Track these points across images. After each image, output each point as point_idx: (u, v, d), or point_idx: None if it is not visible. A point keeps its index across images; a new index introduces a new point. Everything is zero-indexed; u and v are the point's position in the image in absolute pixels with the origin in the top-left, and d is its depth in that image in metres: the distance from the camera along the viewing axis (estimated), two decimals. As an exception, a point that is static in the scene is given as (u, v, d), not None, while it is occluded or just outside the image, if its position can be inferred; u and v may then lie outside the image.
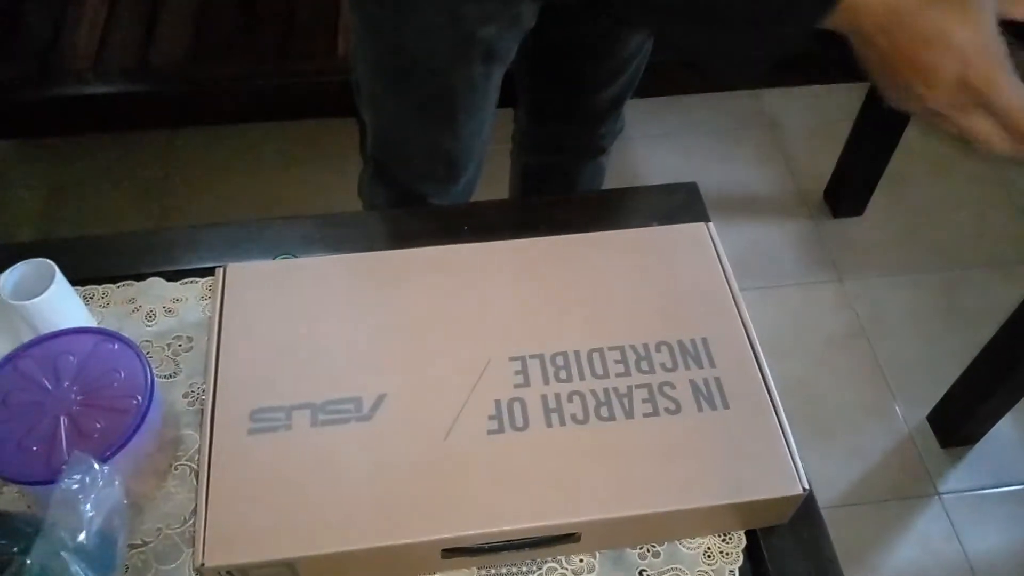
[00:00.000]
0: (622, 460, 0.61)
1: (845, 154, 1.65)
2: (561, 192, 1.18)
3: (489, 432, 0.62)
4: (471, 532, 0.58)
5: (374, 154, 1.00)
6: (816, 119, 1.89)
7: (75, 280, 0.78)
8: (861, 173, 1.65)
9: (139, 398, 0.63)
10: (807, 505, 0.64)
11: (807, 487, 0.60)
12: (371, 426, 0.63)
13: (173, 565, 0.64)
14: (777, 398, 0.64)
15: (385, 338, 0.68)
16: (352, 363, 0.66)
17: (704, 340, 0.68)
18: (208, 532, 0.58)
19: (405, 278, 0.71)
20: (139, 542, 0.65)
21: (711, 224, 0.76)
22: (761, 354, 0.67)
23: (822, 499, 0.66)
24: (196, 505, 0.59)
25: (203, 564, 0.57)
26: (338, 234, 0.84)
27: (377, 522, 0.58)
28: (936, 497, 1.32)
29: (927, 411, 1.41)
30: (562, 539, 0.61)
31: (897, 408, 1.43)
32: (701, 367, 0.66)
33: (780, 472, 0.61)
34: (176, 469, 0.69)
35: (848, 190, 1.69)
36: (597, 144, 1.13)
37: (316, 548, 0.58)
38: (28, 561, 0.55)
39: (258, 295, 0.70)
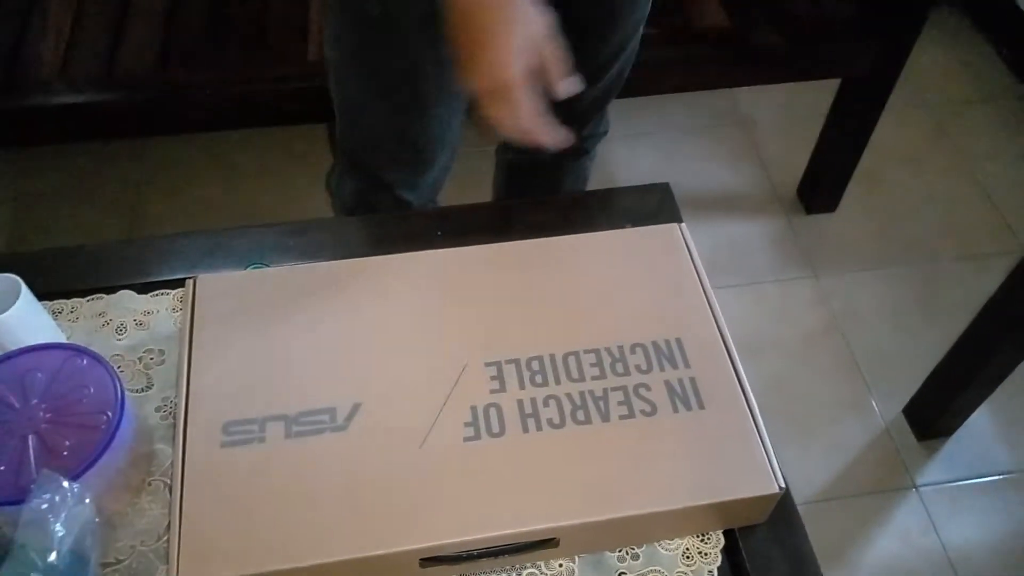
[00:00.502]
0: (599, 464, 0.61)
1: (817, 151, 1.67)
2: (544, 193, 1.18)
3: (465, 439, 0.62)
4: (449, 540, 0.58)
5: (341, 142, 0.99)
6: (789, 117, 1.90)
7: (43, 294, 0.77)
8: (833, 170, 1.67)
9: (109, 414, 0.62)
10: (784, 503, 0.64)
11: (783, 486, 0.60)
12: (346, 436, 0.62)
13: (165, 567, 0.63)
14: (752, 397, 0.65)
15: (359, 346, 0.67)
16: (326, 373, 0.65)
17: (678, 340, 0.68)
18: (183, 548, 0.57)
19: (378, 285, 0.71)
20: (113, 560, 0.64)
21: (683, 225, 0.76)
22: (735, 353, 0.67)
23: (800, 495, 0.66)
24: (170, 520, 0.58)
25: None
26: (310, 241, 0.83)
27: (354, 533, 0.58)
28: (914, 490, 1.34)
29: (903, 404, 1.42)
30: (541, 544, 0.61)
31: (873, 402, 1.44)
32: (676, 368, 0.66)
33: (756, 471, 0.61)
34: (150, 484, 0.68)
35: (821, 187, 1.71)
36: (580, 146, 1.13)
37: (293, 561, 0.57)
38: (-3, 584, 0.54)
39: (229, 306, 0.69)
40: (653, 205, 0.87)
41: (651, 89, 1.50)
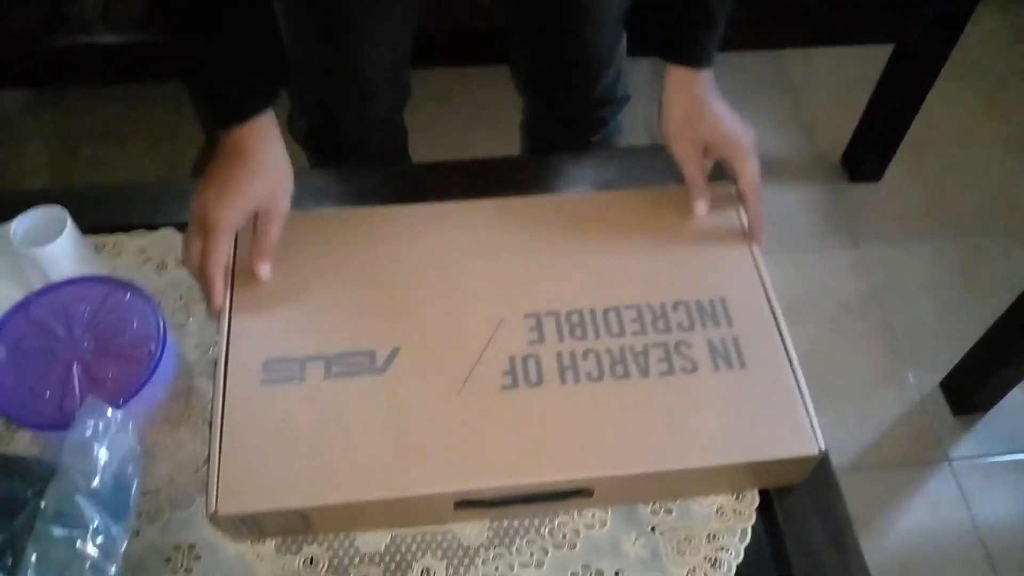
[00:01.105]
0: (637, 417, 0.61)
1: (865, 118, 1.62)
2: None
3: (503, 387, 0.62)
4: (484, 485, 0.58)
5: (290, 83, 0.96)
6: (836, 82, 1.85)
7: (86, 229, 0.78)
8: (881, 138, 1.62)
9: (152, 347, 0.63)
10: (822, 466, 0.63)
11: (823, 448, 0.59)
12: (385, 379, 0.62)
13: (186, 512, 0.64)
14: (795, 359, 0.64)
15: (400, 292, 0.67)
16: (366, 316, 0.65)
17: (723, 300, 0.67)
18: (221, 481, 0.58)
19: (420, 232, 0.71)
20: (152, 489, 0.65)
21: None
22: (780, 314, 0.66)
23: (833, 463, 0.65)
24: (209, 454, 0.59)
25: (216, 512, 0.57)
26: (352, 188, 0.83)
27: (390, 473, 0.58)
28: (946, 463, 1.32)
29: (940, 378, 1.40)
30: (574, 494, 0.61)
31: (910, 375, 1.42)
32: (718, 326, 0.65)
33: (797, 432, 0.60)
34: (189, 418, 0.68)
35: (867, 155, 1.66)
36: (598, 116, 1.09)
37: (329, 498, 0.58)
38: (43, 504, 0.55)
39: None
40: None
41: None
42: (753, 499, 0.64)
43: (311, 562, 0.61)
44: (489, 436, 0.59)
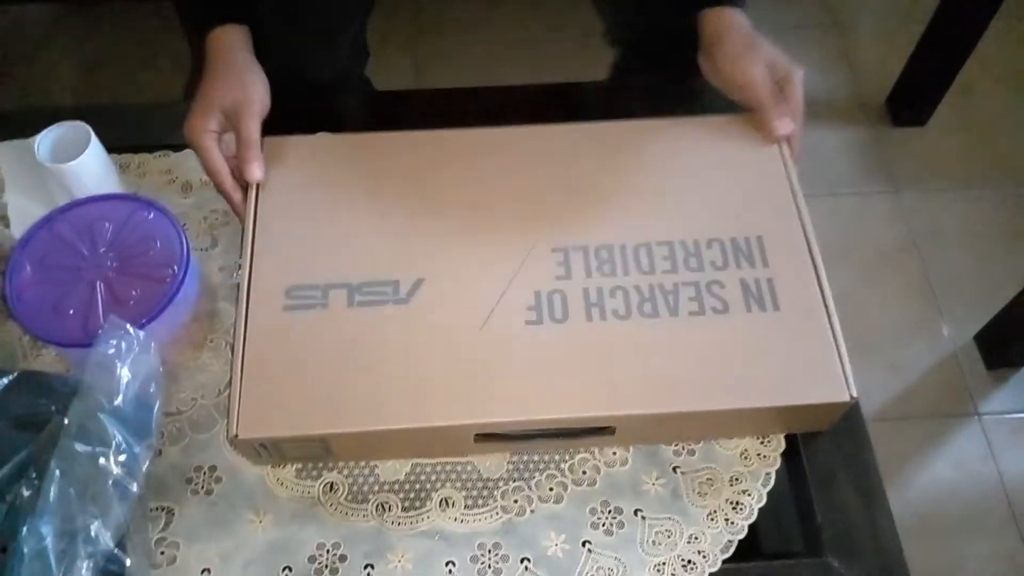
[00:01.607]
0: (663, 357, 0.59)
1: (913, 60, 1.55)
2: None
3: (527, 322, 0.60)
4: (504, 419, 0.57)
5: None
6: (885, 21, 1.77)
7: (111, 148, 0.77)
8: (928, 80, 1.56)
9: (175, 268, 0.62)
10: (851, 413, 0.62)
11: (855, 395, 0.58)
12: (408, 309, 0.61)
13: (207, 434, 0.64)
14: (831, 304, 0.62)
15: (425, 221, 0.65)
16: (391, 245, 0.64)
17: (759, 238, 0.64)
18: (242, 405, 0.57)
19: (448, 159, 0.69)
20: (174, 410, 0.65)
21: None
22: (818, 257, 0.64)
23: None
24: (231, 378, 0.59)
25: (236, 436, 0.57)
26: (382, 112, 0.81)
27: (411, 404, 0.58)
28: (976, 417, 1.29)
29: (975, 331, 1.37)
30: (596, 432, 0.60)
31: (944, 326, 1.39)
32: (753, 267, 0.63)
33: (828, 378, 0.58)
34: (211, 341, 0.68)
35: (913, 98, 1.60)
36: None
37: (349, 426, 0.58)
38: (66, 420, 0.55)
39: (297, 169, 0.68)
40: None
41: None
42: (779, 444, 0.63)
43: (331, 488, 0.62)
44: (512, 371, 0.58)
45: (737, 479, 0.62)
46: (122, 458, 0.56)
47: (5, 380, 0.59)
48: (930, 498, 1.22)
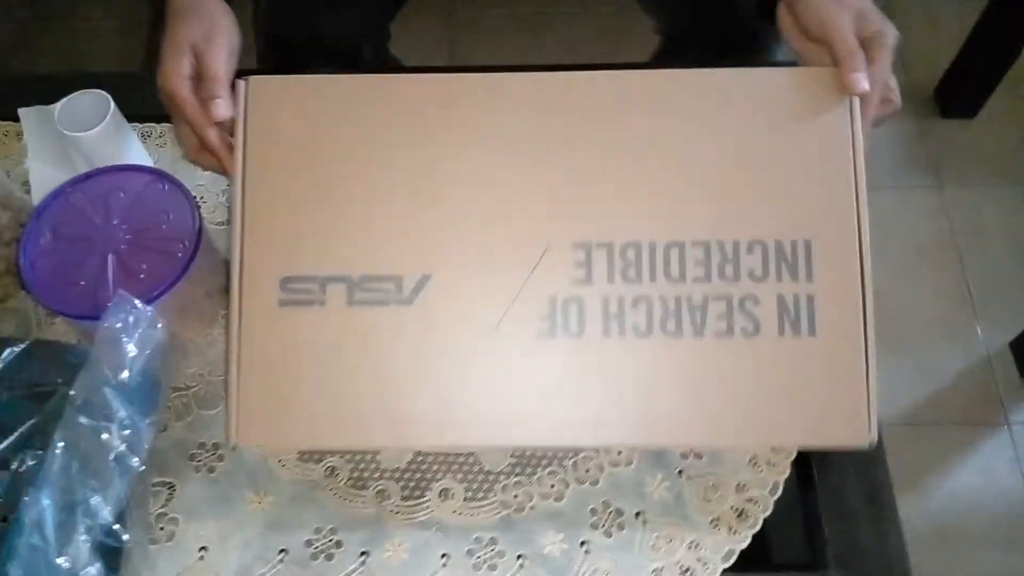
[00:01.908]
0: (678, 385, 0.54)
1: (965, 49, 1.49)
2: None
3: (539, 333, 0.55)
4: (506, 443, 0.55)
5: None
6: (939, 6, 1.70)
7: (134, 116, 0.77)
8: (980, 72, 1.50)
9: (186, 243, 0.62)
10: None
11: (875, 440, 0.53)
12: (411, 311, 0.56)
13: (214, 411, 0.64)
14: (872, 331, 0.55)
15: (436, 197, 0.58)
16: (396, 230, 0.57)
17: (807, 244, 0.56)
18: (241, 411, 0.54)
19: (464, 116, 0.59)
20: (183, 385, 0.65)
21: (855, 99, 0.59)
22: (869, 274, 0.56)
23: (882, 415, 0.60)
24: (226, 378, 0.55)
25: (235, 444, 0.55)
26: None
27: (410, 422, 0.54)
28: (1005, 427, 1.26)
29: (1011, 336, 1.32)
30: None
31: (979, 329, 1.35)
32: (796, 280, 0.55)
33: (849, 420, 0.53)
34: (223, 317, 0.68)
35: (963, 89, 1.54)
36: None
37: (348, 442, 0.57)
38: (72, 392, 0.56)
39: (289, 125, 0.59)
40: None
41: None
42: (789, 452, 0.62)
43: (332, 472, 0.61)
44: (517, 390, 0.55)
45: (744, 486, 0.60)
46: (125, 433, 0.56)
47: (17, 349, 0.60)
48: (952, 508, 1.19)
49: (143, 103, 0.78)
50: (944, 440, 1.24)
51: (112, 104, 0.68)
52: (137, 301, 0.57)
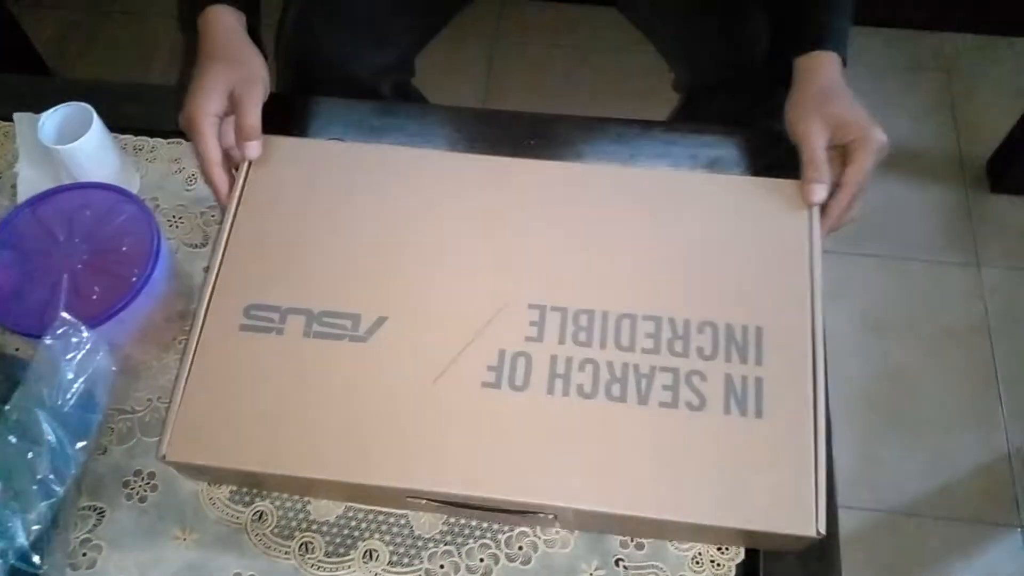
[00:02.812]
0: (619, 450, 0.54)
1: (1022, 121, 1.42)
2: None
3: (484, 384, 0.56)
4: (438, 489, 0.54)
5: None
6: (1000, 77, 1.63)
7: (128, 129, 0.77)
8: (1039, 147, 1.42)
9: (141, 269, 0.61)
10: (827, 544, 0.56)
11: (823, 531, 0.51)
12: (364, 349, 0.58)
13: (155, 439, 0.63)
14: (823, 418, 0.54)
15: (403, 251, 0.62)
16: (361, 273, 0.61)
17: (758, 329, 0.57)
18: (176, 425, 0.56)
19: (441, 186, 0.65)
20: (128, 409, 0.64)
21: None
22: (822, 362, 0.56)
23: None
24: (172, 393, 0.57)
25: (164, 456, 0.55)
26: (396, 124, 0.78)
27: (343, 455, 0.55)
28: (1018, 531, 1.18)
29: (1038, 432, 1.25)
30: (536, 513, 0.56)
31: (1003, 421, 1.27)
32: (745, 362, 0.56)
33: (796, 506, 0.52)
34: (179, 343, 0.67)
35: (1017, 163, 1.46)
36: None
37: (277, 467, 0.55)
38: (7, 408, 0.55)
39: (284, 176, 0.66)
40: (793, 155, 0.75)
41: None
42: (737, 553, 0.58)
43: (260, 517, 0.60)
44: (455, 437, 0.55)
45: (683, 586, 0.57)
46: (52, 459, 0.55)
47: (-36, 358, 0.60)
48: (947, 612, 1.11)
49: (137, 116, 0.79)
50: (949, 538, 1.16)
51: (95, 118, 0.68)
52: (81, 325, 0.56)
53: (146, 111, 0.80)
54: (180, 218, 0.73)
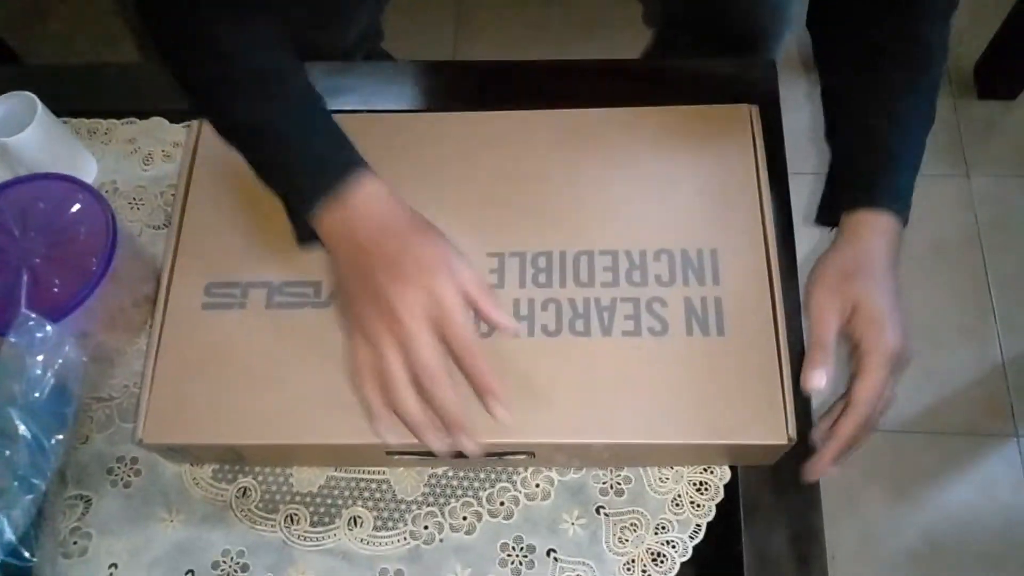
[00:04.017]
0: (588, 382, 0.55)
1: (1008, 24, 1.38)
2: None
3: None
4: (412, 440, 0.54)
5: None
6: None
7: (79, 112, 0.76)
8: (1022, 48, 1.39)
9: (98, 257, 0.60)
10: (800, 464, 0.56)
11: (793, 437, 0.52)
12: (327, 313, 0.58)
13: (132, 424, 0.63)
14: (784, 331, 0.55)
15: None
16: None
17: (713, 252, 0.58)
18: (150, 408, 0.56)
19: (390, 147, 0.64)
20: (106, 396, 0.65)
21: (755, 108, 0.64)
22: (778, 278, 0.57)
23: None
24: (142, 377, 0.57)
25: (141, 440, 0.55)
26: (354, 84, 0.76)
27: (320, 418, 0.55)
28: (1014, 440, 1.18)
29: (1032, 341, 1.24)
30: (513, 452, 0.56)
31: (997, 333, 1.26)
32: (703, 283, 0.57)
33: (765, 416, 0.53)
34: (150, 326, 0.67)
35: (1004, 67, 1.43)
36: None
37: (256, 438, 0.56)
38: (-21, 408, 0.55)
39: (233, 156, 0.64)
40: (750, 82, 0.74)
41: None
42: (715, 492, 0.58)
43: (244, 493, 0.60)
44: None
45: (663, 527, 0.57)
46: (30, 454, 0.56)
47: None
48: (947, 524, 1.12)
49: (89, 99, 0.77)
50: (946, 450, 1.17)
51: (40, 107, 0.67)
52: (44, 320, 0.56)
53: (98, 93, 0.78)
54: (140, 199, 0.72)
